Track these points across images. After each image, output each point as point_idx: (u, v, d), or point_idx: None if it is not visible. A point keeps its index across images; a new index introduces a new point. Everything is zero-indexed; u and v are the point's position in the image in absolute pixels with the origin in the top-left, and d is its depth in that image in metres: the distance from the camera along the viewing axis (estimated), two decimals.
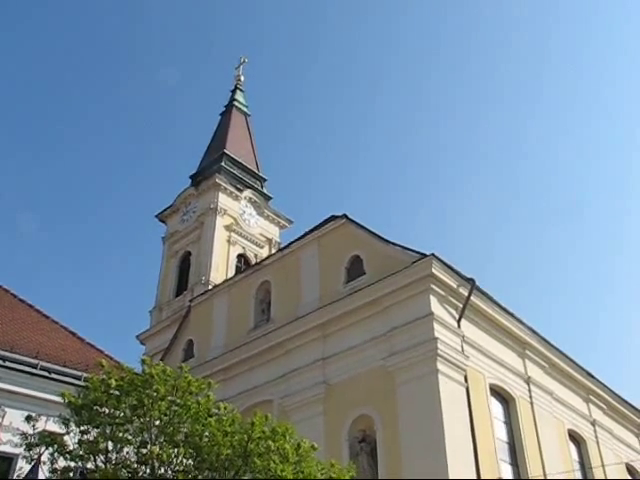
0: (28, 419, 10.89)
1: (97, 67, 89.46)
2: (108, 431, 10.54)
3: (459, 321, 19.79)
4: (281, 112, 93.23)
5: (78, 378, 13.73)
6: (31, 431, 10.71)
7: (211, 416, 10.97)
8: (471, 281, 19.86)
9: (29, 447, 10.57)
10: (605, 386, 26.92)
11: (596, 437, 25.65)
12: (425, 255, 19.44)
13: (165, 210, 38.57)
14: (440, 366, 18.15)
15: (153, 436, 10.60)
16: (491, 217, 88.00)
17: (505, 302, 21.46)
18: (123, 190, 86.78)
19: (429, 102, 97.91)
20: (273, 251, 33.74)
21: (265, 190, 40.69)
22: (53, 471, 10.55)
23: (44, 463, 10.55)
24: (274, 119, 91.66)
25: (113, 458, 10.54)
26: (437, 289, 19.43)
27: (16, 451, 11.23)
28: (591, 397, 26.34)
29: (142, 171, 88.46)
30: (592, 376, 25.99)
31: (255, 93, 76.62)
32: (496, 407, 20.67)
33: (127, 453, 10.62)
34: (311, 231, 24.18)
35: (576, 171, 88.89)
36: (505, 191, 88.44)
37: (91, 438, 10.56)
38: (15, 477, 11.42)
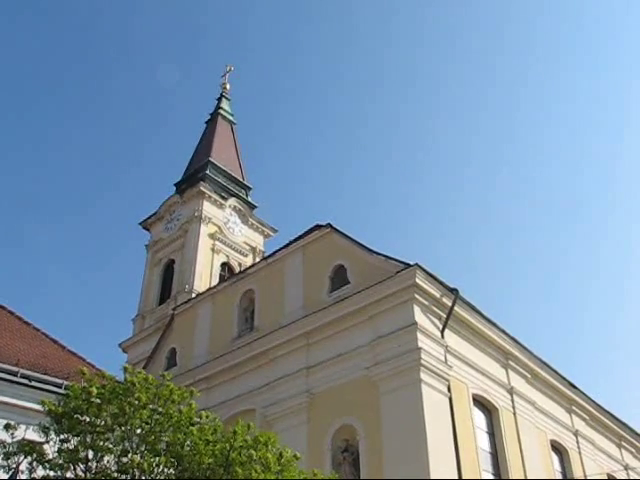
0: (7, 427, 10.71)
1: (89, 68, 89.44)
2: (88, 440, 10.42)
3: (442, 331, 19.81)
4: (266, 121, 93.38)
5: (59, 386, 13.57)
6: (9, 440, 10.54)
7: (193, 425, 10.87)
8: (455, 291, 19.90)
9: (7, 456, 10.38)
10: (587, 397, 27.04)
11: (578, 447, 25.74)
12: (409, 265, 19.47)
13: (149, 218, 38.41)
14: (423, 376, 18.14)
15: (134, 445, 10.49)
16: (475, 226, 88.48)
17: (488, 311, 21.58)
18: (107, 197, 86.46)
19: (415, 107, 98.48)
20: (257, 260, 33.65)
21: (250, 199, 40.66)
22: None
23: (22, 472, 10.38)
24: (259, 128, 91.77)
25: (93, 467, 10.41)
26: (421, 299, 19.46)
27: None
28: (573, 407, 26.44)
29: (126, 178, 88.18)
30: (575, 387, 26.10)
31: (241, 101, 76.65)
32: (479, 417, 20.69)
33: (108, 462, 10.49)
34: (295, 240, 24.17)
35: (561, 178, 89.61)
36: (489, 199, 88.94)
37: (71, 447, 10.42)
38: None
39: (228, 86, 46.68)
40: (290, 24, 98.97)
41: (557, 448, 24.81)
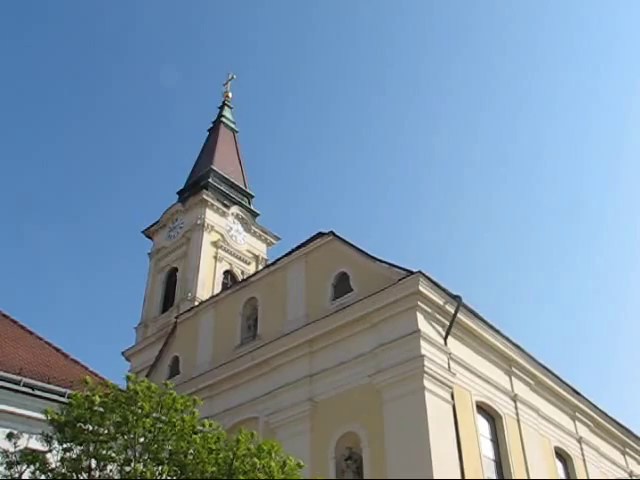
0: (10, 437, 10.71)
1: (92, 74, 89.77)
2: (91, 448, 10.40)
3: (446, 338, 19.78)
4: (269, 128, 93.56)
5: (62, 395, 13.56)
6: (12, 449, 10.54)
7: (196, 433, 10.85)
8: (458, 298, 19.88)
9: (10, 465, 10.39)
10: (591, 403, 26.94)
11: (582, 454, 25.63)
12: (412, 272, 19.47)
13: (152, 226, 38.42)
14: (427, 383, 18.11)
15: (137, 453, 10.47)
16: (477, 233, 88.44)
17: (491, 318, 21.54)
18: (110, 205, 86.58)
19: (418, 113, 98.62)
20: (260, 267, 33.68)
21: (252, 206, 40.69)
22: None
23: None
24: (262, 135, 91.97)
25: (96, 476, 10.40)
26: (424, 306, 19.44)
27: None
28: (577, 414, 26.35)
29: (128, 186, 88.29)
30: (578, 393, 26.01)
31: (243, 109, 76.75)
32: (482, 424, 20.63)
33: (111, 471, 10.48)
34: (298, 248, 24.17)
35: (565, 182, 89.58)
36: (491, 206, 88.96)
37: (74, 456, 10.41)
38: None
39: (230, 94, 46.80)
40: (292, 32, 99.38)
41: (561, 455, 24.71)
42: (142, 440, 10.53)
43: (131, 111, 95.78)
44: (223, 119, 44.75)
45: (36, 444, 10.85)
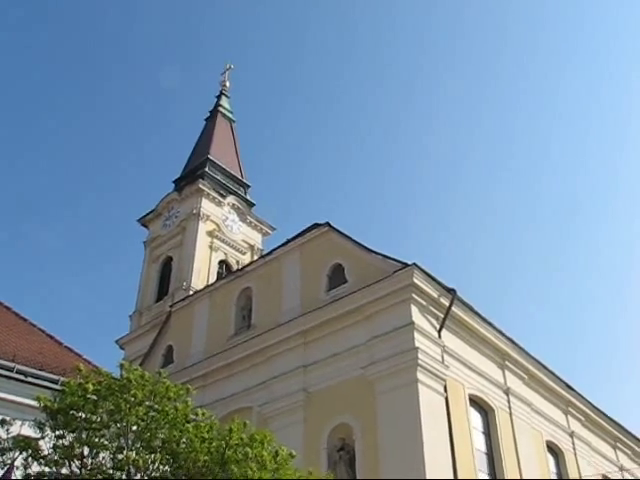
0: (2, 423, 10.68)
1: (90, 65, 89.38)
2: (84, 436, 10.38)
3: (440, 331, 19.80)
4: (266, 119, 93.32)
5: (55, 382, 13.51)
6: (5, 435, 10.52)
7: (189, 422, 10.84)
8: (452, 291, 19.90)
9: (2, 452, 10.35)
10: (584, 398, 27.03)
11: (574, 449, 25.74)
12: (407, 264, 19.47)
13: (147, 214, 38.31)
14: (420, 376, 18.14)
15: (130, 442, 10.46)
16: (473, 226, 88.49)
17: (486, 312, 21.57)
18: (105, 194, 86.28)
19: (415, 107, 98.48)
20: (255, 258, 33.63)
21: (248, 197, 40.61)
22: (27, 476, 10.36)
23: (17, 468, 10.35)
24: (259, 126, 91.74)
25: (89, 463, 10.38)
26: (418, 299, 19.45)
27: None
28: (570, 409, 26.44)
29: (125, 175, 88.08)
30: (571, 388, 26.11)
31: (240, 99, 76.47)
32: (475, 417, 20.69)
33: (103, 458, 10.46)
34: (293, 238, 24.15)
35: (562, 177, 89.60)
36: (488, 199, 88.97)
37: (66, 443, 10.39)
38: None
39: (228, 84, 46.62)
40: (290, 22, 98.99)
41: (553, 449, 24.81)
42: (135, 428, 10.52)
43: (129, 101, 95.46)
44: (220, 109, 44.58)
45: (28, 431, 10.83)
